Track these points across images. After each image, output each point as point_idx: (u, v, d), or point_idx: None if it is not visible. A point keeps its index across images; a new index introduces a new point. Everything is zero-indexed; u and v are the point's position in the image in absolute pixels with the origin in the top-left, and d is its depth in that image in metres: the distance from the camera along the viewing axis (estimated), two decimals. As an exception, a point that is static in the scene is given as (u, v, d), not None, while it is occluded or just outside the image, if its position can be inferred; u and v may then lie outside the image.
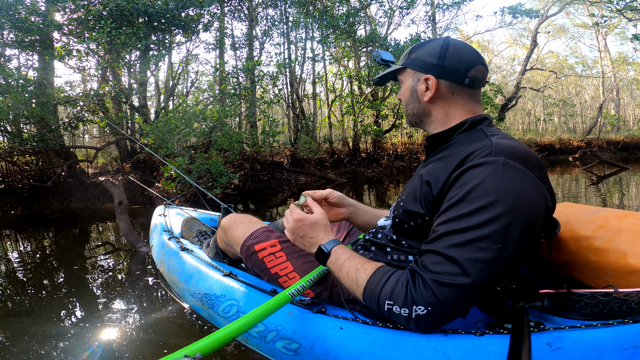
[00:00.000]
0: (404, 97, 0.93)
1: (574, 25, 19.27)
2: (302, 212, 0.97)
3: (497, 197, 0.68)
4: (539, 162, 0.76)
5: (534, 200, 0.70)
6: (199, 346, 0.71)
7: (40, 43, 5.21)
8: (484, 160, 0.72)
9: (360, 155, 9.10)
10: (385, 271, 0.76)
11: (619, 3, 8.92)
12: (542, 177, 0.74)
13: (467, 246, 0.67)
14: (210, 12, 6.75)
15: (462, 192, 0.71)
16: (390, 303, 0.72)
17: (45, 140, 4.86)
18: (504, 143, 0.75)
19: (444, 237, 0.70)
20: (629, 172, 7.15)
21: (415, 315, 0.69)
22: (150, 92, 7.65)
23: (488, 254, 0.66)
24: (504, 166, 0.70)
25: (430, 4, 9.87)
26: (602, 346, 0.62)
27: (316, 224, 0.94)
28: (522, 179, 0.70)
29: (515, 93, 11.33)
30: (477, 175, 0.71)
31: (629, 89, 22.89)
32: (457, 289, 0.66)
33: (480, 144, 0.77)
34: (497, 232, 0.66)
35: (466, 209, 0.69)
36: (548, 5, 11.57)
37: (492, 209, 0.67)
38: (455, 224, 0.69)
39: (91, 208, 4.66)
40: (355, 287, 0.78)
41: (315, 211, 0.97)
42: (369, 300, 0.76)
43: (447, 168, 0.78)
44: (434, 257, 0.70)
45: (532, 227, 0.71)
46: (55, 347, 1.31)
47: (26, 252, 2.71)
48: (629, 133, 15.60)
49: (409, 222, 0.86)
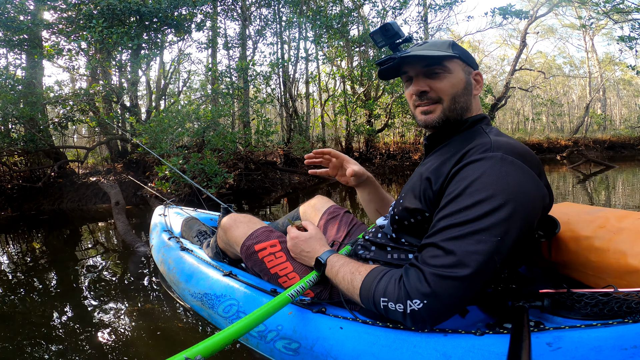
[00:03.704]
0: (455, 88, 0.87)
1: (563, 26, 19.59)
2: (297, 230, 1.08)
3: (496, 190, 0.69)
4: (536, 159, 0.77)
5: (532, 195, 0.71)
6: (200, 348, 0.71)
7: (28, 42, 5.11)
8: (483, 156, 0.73)
9: (353, 155, 9.13)
10: (379, 271, 0.77)
11: (606, 5, 9.09)
12: (540, 173, 0.76)
13: (466, 239, 0.67)
14: (203, 12, 6.69)
15: (461, 186, 0.72)
16: (385, 300, 0.72)
17: (35, 141, 4.77)
18: (502, 140, 0.77)
19: (444, 231, 0.70)
20: (615, 171, 7.27)
21: (411, 310, 0.69)
22: (141, 91, 7.56)
23: (487, 246, 0.66)
24: (503, 161, 0.71)
25: (423, 5, 9.94)
26: (602, 346, 0.62)
27: (310, 239, 1.05)
28: (520, 174, 0.71)
29: (504, 93, 11.44)
30: (476, 170, 0.72)
31: (615, 89, 23.29)
32: (455, 282, 0.66)
33: (479, 140, 0.78)
34: (495, 225, 0.67)
35: (465, 202, 0.70)
36: (537, 6, 11.71)
37: (491, 202, 0.68)
38: (454, 218, 0.70)
39: (82, 209, 4.59)
40: (352, 289, 0.80)
41: (309, 228, 1.08)
42: (365, 300, 0.77)
43: (446, 164, 0.79)
44: (433, 250, 0.71)
45: (530, 221, 0.72)
46: (54, 348, 1.29)
47: (18, 254, 2.67)
48: (615, 132, 15.86)
49: (409, 219, 0.86)
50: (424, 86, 0.87)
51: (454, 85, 0.86)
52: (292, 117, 8.40)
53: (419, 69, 0.88)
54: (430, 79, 0.87)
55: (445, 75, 0.86)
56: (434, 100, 0.87)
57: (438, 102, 0.87)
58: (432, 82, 0.87)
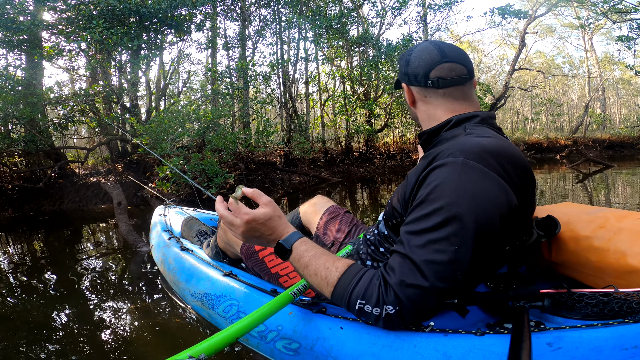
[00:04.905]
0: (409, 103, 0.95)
1: (562, 26, 19.59)
2: (249, 210, 0.83)
3: (453, 198, 0.68)
4: (511, 160, 0.73)
5: (493, 200, 0.69)
6: (203, 347, 0.72)
7: (28, 43, 5.12)
8: (444, 161, 0.72)
9: (353, 155, 9.13)
10: (357, 270, 0.76)
11: (604, 6, 9.09)
12: (510, 176, 0.72)
13: (424, 248, 0.68)
14: (202, 12, 6.69)
15: (424, 193, 0.72)
16: (362, 302, 0.72)
17: (35, 141, 4.78)
18: (471, 141, 0.74)
19: (406, 239, 0.71)
20: (614, 170, 7.28)
21: (386, 314, 0.69)
22: (141, 92, 7.56)
23: (444, 256, 0.66)
24: (463, 166, 0.70)
25: (422, 5, 9.94)
26: (602, 346, 0.62)
27: (270, 219, 0.82)
28: (480, 179, 0.69)
29: (504, 92, 11.43)
30: (437, 176, 0.71)
31: (614, 89, 23.30)
32: (417, 290, 0.67)
33: (450, 143, 0.78)
34: (452, 234, 0.66)
35: (425, 210, 0.70)
36: (536, 6, 11.72)
37: (448, 210, 0.67)
38: (415, 225, 0.70)
39: (83, 209, 4.60)
40: (325, 285, 0.77)
41: (262, 202, 0.84)
42: (338, 298, 0.76)
43: (419, 169, 0.79)
44: (397, 257, 0.71)
45: (492, 227, 0.69)
46: (55, 348, 1.30)
47: (20, 254, 2.67)
48: (614, 132, 15.84)
49: (392, 220, 0.89)
50: None
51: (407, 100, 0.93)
52: (292, 117, 8.40)
53: None
54: None
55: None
56: None
57: None
58: None
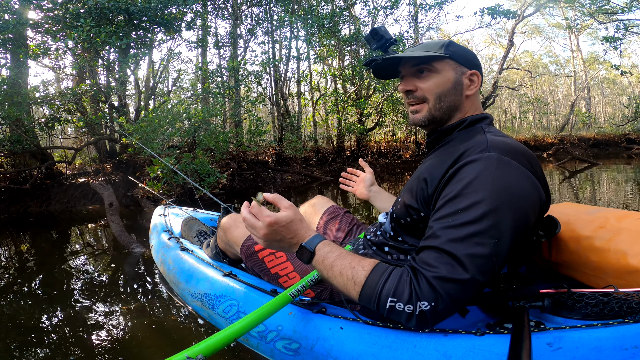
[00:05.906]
0: (440, 88, 0.88)
1: (549, 25, 19.92)
2: (271, 213, 0.82)
3: (492, 192, 0.69)
4: (533, 158, 0.78)
5: (528, 195, 0.72)
6: (201, 347, 0.71)
7: (13, 42, 4.99)
8: (479, 156, 0.74)
9: (345, 153, 9.15)
10: (385, 268, 0.75)
11: (591, 7, 9.27)
12: (537, 172, 0.76)
13: (464, 241, 0.68)
14: (193, 10, 6.61)
15: (458, 187, 0.72)
16: (394, 300, 0.70)
17: (21, 141, 4.67)
18: (498, 140, 0.77)
19: (442, 233, 0.71)
20: (599, 168, 7.44)
21: (419, 311, 0.68)
22: (130, 91, 7.44)
23: (486, 249, 0.67)
24: (498, 162, 0.72)
25: (414, 4, 10.00)
26: (602, 346, 0.63)
27: (292, 222, 0.82)
28: (515, 174, 0.72)
29: (492, 91, 11.57)
30: (472, 171, 0.73)
31: (599, 88, 23.77)
32: (457, 284, 0.67)
33: (475, 140, 0.79)
34: (492, 227, 0.68)
35: (462, 204, 0.70)
36: (525, 6, 11.88)
37: (487, 203, 0.69)
38: (452, 220, 0.71)
39: (72, 210, 4.51)
40: (352, 285, 0.75)
41: (283, 206, 0.83)
42: (367, 298, 0.74)
43: (443, 165, 0.80)
44: (433, 253, 0.71)
45: (526, 221, 0.73)
46: (49, 351, 1.27)
47: (9, 256, 2.61)
48: (599, 130, 16.15)
49: (405, 218, 0.87)
50: (409, 85, 0.91)
51: (439, 84, 0.88)
52: (284, 116, 8.38)
53: (409, 69, 0.91)
54: (417, 79, 0.90)
55: (431, 75, 0.88)
56: (420, 100, 0.90)
57: (424, 101, 0.90)
58: (419, 81, 0.89)
